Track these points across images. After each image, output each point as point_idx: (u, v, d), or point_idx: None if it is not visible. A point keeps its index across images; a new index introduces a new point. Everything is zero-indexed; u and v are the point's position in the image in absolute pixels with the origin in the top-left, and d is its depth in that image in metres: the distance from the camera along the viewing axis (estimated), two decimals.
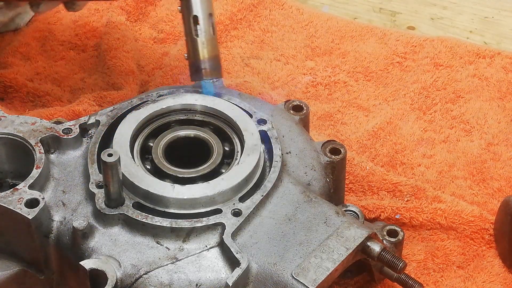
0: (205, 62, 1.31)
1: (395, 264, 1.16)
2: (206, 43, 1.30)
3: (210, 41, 1.31)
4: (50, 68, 1.76)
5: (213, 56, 1.32)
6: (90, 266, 1.10)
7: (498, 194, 1.51)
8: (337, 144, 1.32)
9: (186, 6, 1.31)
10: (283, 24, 1.87)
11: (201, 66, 1.31)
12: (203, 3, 1.30)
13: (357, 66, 1.77)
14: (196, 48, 1.31)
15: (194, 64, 1.32)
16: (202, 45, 1.31)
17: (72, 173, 1.23)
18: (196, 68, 1.32)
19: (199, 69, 1.31)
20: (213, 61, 1.32)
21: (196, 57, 1.31)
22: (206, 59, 1.31)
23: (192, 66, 1.32)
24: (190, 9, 1.30)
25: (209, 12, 1.31)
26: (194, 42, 1.31)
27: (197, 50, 1.31)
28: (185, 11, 1.31)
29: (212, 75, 1.32)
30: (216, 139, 1.27)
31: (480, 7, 1.96)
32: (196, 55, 1.31)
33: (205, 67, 1.31)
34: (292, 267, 1.11)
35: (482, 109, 1.67)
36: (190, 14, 1.30)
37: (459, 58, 1.77)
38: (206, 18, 1.30)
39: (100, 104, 1.62)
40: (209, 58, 1.31)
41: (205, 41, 1.30)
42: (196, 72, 1.32)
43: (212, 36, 1.31)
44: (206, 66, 1.31)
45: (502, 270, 1.39)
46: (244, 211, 1.16)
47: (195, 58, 1.31)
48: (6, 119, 1.26)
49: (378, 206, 1.45)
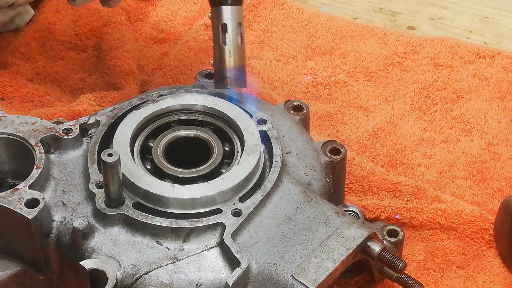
0: (230, 71, 1.30)
1: (395, 264, 1.16)
2: (233, 52, 1.29)
3: (237, 50, 1.30)
4: (50, 68, 1.76)
5: (239, 65, 1.30)
6: (90, 266, 1.10)
7: (498, 194, 1.51)
8: (337, 144, 1.32)
9: (216, 14, 1.30)
10: (283, 24, 1.87)
11: (226, 74, 1.30)
12: (234, 12, 1.29)
13: (357, 66, 1.77)
14: (222, 56, 1.29)
15: (219, 72, 1.30)
16: (228, 53, 1.29)
17: (72, 173, 1.23)
18: (220, 76, 1.30)
19: (223, 77, 1.30)
20: (239, 70, 1.30)
21: (222, 65, 1.30)
22: (232, 68, 1.29)
23: (217, 74, 1.31)
24: (220, 17, 1.29)
25: (239, 21, 1.29)
26: (221, 50, 1.29)
27: (223, 58, 1.29)
28: (215, 18, 1.30)
29: (236, 84, 1.30)
30: (216, 139, 1.27)
31: (480, 7, 1.96)
32: (222, 63, 1.30)
33: (230, 76, 1.30)
34: (292, 267, 1.11)
35: (482, 109, 1.67)
36: (220, 22, 1.29)
37: (459, 58, 1.77)
38: (235, 27, 1.29)
39: (100, 104, 1.62)
40: (235, 67, 1.30)
41: (232, 50, 1.29)
42: (220, 80, 1.31)
43: (240, 46, 1.30)
44: (231, 75, 1.30)
45: (502, 270, 1.39)
46: (244, 211, 1.16)
47: (221, 66, 1.30)
48: (6, 119, 1.26)
49: (378, 206, 1.45)
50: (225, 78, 1.29)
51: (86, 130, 1.28)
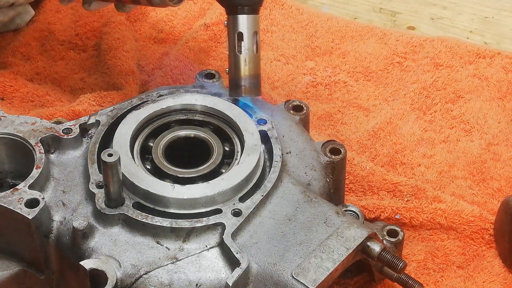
0: (245, 79, 1.30)
1: (395, 264, 1.16)
2: (248, 61, 1.29)
3: (253, 59, 1.30)
4: (50, 68, 1.76)
5: (254, 74, 1.31)
6: (90, 266, 1.10)
7: (498, 194, 1.51)
8: (337, 144, 1.32)
9: (233, 22, 1.30)
10: (283, 24, 1.87)
11: (241, 83, 1.30)
12: (250, 21, 1.29)
13: (357, 66, 1.77)
14: (237, 64, 1.30)
15: (234, 80, 1.31)
16: (244, 62, 1.29)
17: (72, 173, 1.23)
18: (235, 84, 1.31)
19: (238, 85, 1.30)
20: (254, 79, 1.31)
21: (237, 74, 1.30)
22: (247, 76, 1.30)
23: (232, 82, 1.31)
24: (236, 26, 1.29)
25: (255, 30, 1.29)
26: (236, 59, 1.30)
27: (238, 66, 1.30)
28: (231, 26, 1.30)
29: (251, 93, 1.31)
30: (216, 139, 1.27)
31: (480, 7, 1.96)
32: (237, 72, 1.30)
33: (244, 85, 1.30)
34: (292, 267, 1.11)
35: (482, 109, 1.67)
36: (236, 30, 1.29)
37: (459, 58, 1.77)
38: (251, 36, 1.29)
39: (100, 104, 1.62)
40: (250, 76, 1.30)
41: (247, 59, 1.29)
42: (235, 88, 1.31)
43: (255, 55, 1.30)
44: (246, 83, 1.30)
45: (502, 270, 1.39)
46: (244, 211, 1.16)
47: (236, 74, 1.30)
48: (6, 119, 1.26)
49: (378, 206, 1.45)
50: (240, 86, 1.30)
51: (86, 130, 1.28)
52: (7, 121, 1.25)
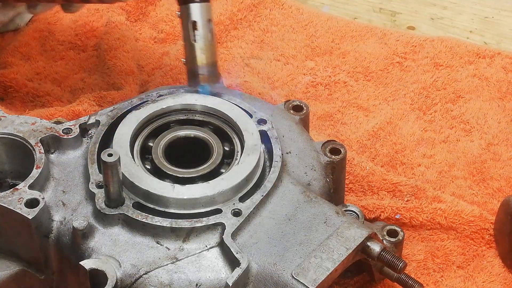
0: (202, 68, 1.30)
1: (395, 264, 1.16)
2: (204, 49, 1.30)
3: (209, 47, 1.30)
4: (50, 68, 1.76)
5: (211, 62, 1.31)
6: (90, 266, 1.10)
7: (498, 194, 1.51)
8: (337, 144, 1.32)
9: (186, 12, 1.30)
10: (283, 24, 1.87)
11: (198, 72, 1.30)
12: (202, 9, 1.30)
13: (357, 66, 1.77)
14: (194, 54, 1.30)
15: (192, 70, 1.31)
16: (200, 51, 1.30)
17: (72, 173, 1.23)
18: (193, 74, 1.31)
19: (196, 74, 1.31)
20: (211, 67, 1.31)
21: (194, 63, 1.31)
22: (204, 65, 1.30)
23: (190, 72, 1.32)
24: (189, 15, 1.30)
25: (208, 18, 1.30)
26: (192, 48, 1.30)
27: (195, 56, 1.30)
28: (184, 16, 1.30)
29: (209, 81, 1.31)
30: (216, 139, 1.27)
31: (480, 7, 1.96)
32: (193, 61, 1.30)
33: (202, 73, 1.30)
34: (292, 267, 1.11)
35: (482, 109, 1.67)
36: (189, 19, 1.30)
37: (459, 58, 1.77)
38: (205, 24, 1.30)
39: (100, 104, 1.62)
40: (207, 64, 1.30)
41: (203, 47, 1.30)
42: (193, 77, 1.31)
43: (211, 42, 1.30)
44: (203, 72, 1.30)
45: (502, 270, 1.39)
46: (244, 211, 1.16)
47: (193, 64, 1.31)
48: (6, 119, 1.26)
49: (378, 206, 1.45)
50: (197, 75, 1.30)
51: (86, 130, 1.28)
52: (7, 121, 1.25)
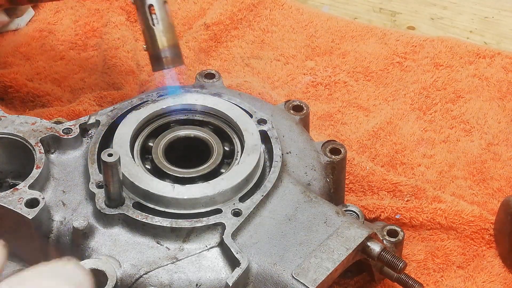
0: (165, 51, 1.28)
1: (395, 264, 1.16)
2: (164, 31, 1.27)
3: (168, 28, 1.28)
4: (50, 68, 1.75)
5: (172, 44, 1.29)
6: (90, 266, 1.10)
7: (498, 194, 1.51)
8: (337, 144, 1.32)
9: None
10: (283, 24, 1.87)
11: (161, 55, 1.28)
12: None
13: (357, 66, 1.77)
14: (154, 37, 1.28)
15: (154, 54, 1.28)
16: (160, 34, 1.27)
17: (72, 173, 1.23)
18: (156, 58, 1.28)
19: (159, 58, 1.28)
20: (173, 49, 1.29)
21: (156, 46, 1.28)
22: (166, 47, 1.28)
23: (153, 57, 1.29)
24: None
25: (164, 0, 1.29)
26: (152, 32, 1.27)
27: (156, 39, 1.28)
28: (139, 1, 1.29)
29: (173, 62, 1.29)
30: (216, 139, 1.27)
31: (480, 7, 1.96)
32: (155, 45, 1.28)
33: (165, 56, 1.28)
34: (292, 267, 1.11)
35: (482, 109, 1.67)
36: (145, 3, 1.28)
37: (459, 58, 1.77)
38: (161, 6, 1.28)
39: (100, 104, 1.62)
40: (169, 46, 1.28)
41: (163, 30, 1.27)
42: (157, 62, 1.29)
43: (170, 24, 1.28)
44: (166, 54, 1.28)
45: (502, 270, 1.39)
46: (244, 211, 1.16)
47: (155, 48, 1.28)
48: (6, 119, 1.26)
49: (378, 206, 1.45)
50: (161, 58, 1.28)
51: (86, 130, 1.28)
52: (7, 121, 1.25)
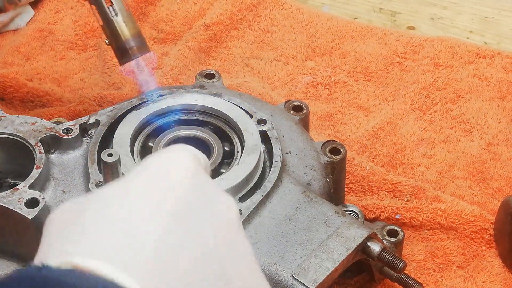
0: (129, 41, 1.26)
1: (395, 264, 1.16)
2: (125, 21, 1.25)
3: (128, 18, 1.26)
4: (50, 68, 1.75)
5: (136, 32, 1.27)
6: None
7: (498, 194, 1.51)
8: (337, 144, 1.32)
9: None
10: (283, 24, 1.87)
11: (126, 46, 1.26)
12: None
13: (357, 66, 1.77)
14: (116, 29, 1.25)
15: (119, 46, 1.26)
16: (122, 24, 1.25)
17: (72, 173, 1.23)
18: (122, 50, 1.26)
19: (125, 49, 1.26)
20: (138, 37, 1.27)
21: (120, 38, 1.26)
22: (130, 37, 1.26)
23: (118, 50, 1.27)
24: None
25: None
26: (113, 24, 1.25)
27: (118, 31, 1.25)
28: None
29: (141, 51, 1.27)
30: (216, 139, 1.27)
31: (480, 7, 1.96)
32: (119, 36, 1.26)
33: (131, 46, 1.26)
34: (292, 267, 1.11)
35: (482, 109, 1.67)
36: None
37: (459, 58, 1.77)
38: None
39: (100, 104, 1.62)
40: (132, 35, 1.26)
41: (124, 20, 1.25)
42: (123, 53, 1.26)
43: (129, 13, 1.26)
44: (132, 44, 1.26)
45: (502, 270, 1.39)
46: (244, 211, 1.16)
47: (118, 40, 1.26)
48: (6, 119, 1.26)
49: (378, 206, 1.45)
50: (127, 49, 1.26)
51: (86, 130, 1.28)
52: (7, 121, 1.25)
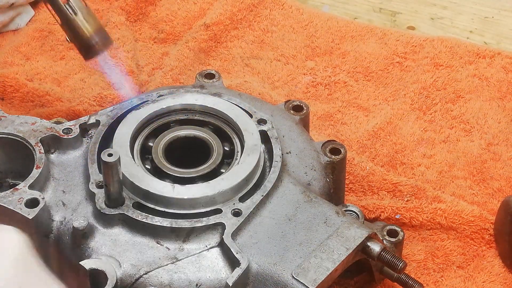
0: (93, 37, 1.25)
1: (395, 264, 1.16)
2: (85, 18, 1.25)
3: (88, 14, 1.25)
4: (50, 68, 1.76)
5: (97, 28, 1.26)
6: (90, 266, 1.10)
7: (498, 194, 1.51)
8: (337, 144, 1.32)
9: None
10: (283, 24, 1.87)
11: (91, 42, 1.25)
12: None
13: (357, 66, 1.77)
14: (78, 26, 1.25)
15: (83, 43, 1.26)
16: (83, 21, 1.25)
17: (72, 173, 1.23)
18: (87, 46, 1.26)
19: (90, 45, 1.25)
20: (100, 32, 1.26)
21: (83, 35, 1.25)
22: (93, 33, 1.25)
23: (82, 47, 1.26)
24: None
25: None
26: (74, 22, 1.24)
27: (80, 28, 1.25)
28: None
29: (105, 46, 1.27)
30: (216, 139, 1.27)
31: (480, 7, 1.96)
32: (82, 33, 1.25)
33: (95, 41, 1.26)
34: (292, 267, 1.11)
35: (482, 109, 1.67)
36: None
37: (459, 58, 1.77)
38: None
39: (100, 104, 1.62)
40: (95, 31, 1.26)
41: (84, 17, 1.25)
42: (88, 50, 1.26)
43: (88, 9, 1.26)
44: (95, 40, 1.26)
45: (502, 270, 1.39)
46: (244, 211, 1.16)
47: (82, 37, 1.25)
48: (6, 119, 1.26)
49: (378, 206, 1.45)
50: (92, 45, 1.25)
51: (86, 130, 1.28)
52: (7, 121, 1.25)
